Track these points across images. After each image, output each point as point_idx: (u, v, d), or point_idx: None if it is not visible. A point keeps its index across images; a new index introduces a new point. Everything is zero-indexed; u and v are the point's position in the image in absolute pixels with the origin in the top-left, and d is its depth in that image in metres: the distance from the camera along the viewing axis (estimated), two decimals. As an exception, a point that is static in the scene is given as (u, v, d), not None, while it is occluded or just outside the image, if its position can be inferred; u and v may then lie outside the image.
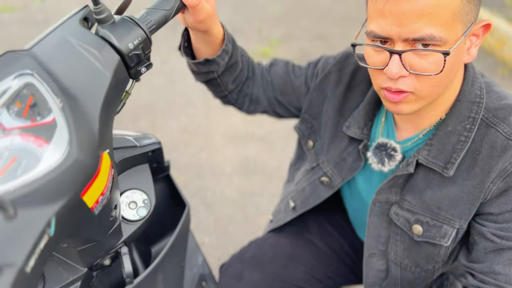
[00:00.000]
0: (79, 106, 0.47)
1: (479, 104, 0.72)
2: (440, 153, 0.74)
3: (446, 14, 0.60)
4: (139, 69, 0.57)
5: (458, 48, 0.64)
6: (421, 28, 0.60)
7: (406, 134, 0.81)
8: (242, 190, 2.01)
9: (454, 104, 0.73)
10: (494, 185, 0.70)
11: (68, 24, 0.51)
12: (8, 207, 0.37)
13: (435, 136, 0.74)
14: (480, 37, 0.68)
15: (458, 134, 0.72)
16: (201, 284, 0.93)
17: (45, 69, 0.47)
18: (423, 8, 0.59)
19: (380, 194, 0.83)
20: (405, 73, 0.64)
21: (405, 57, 0.63)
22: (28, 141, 0.43)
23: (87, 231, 0.56)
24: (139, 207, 0.71)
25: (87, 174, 0.46)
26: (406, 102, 0.69)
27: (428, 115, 0.75)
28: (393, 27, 0.62)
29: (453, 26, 0.61)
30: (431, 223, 0.77)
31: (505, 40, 2.92)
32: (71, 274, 0.64)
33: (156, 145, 0.74)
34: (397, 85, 0.66)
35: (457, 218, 0.75)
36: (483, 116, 0.72)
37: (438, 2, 0.59)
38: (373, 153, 0.83)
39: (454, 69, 0.66)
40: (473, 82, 0.73)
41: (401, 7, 0.59)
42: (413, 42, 0.62)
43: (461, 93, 0.73)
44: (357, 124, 0.84)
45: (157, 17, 0.60)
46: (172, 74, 2.88)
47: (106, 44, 0.52)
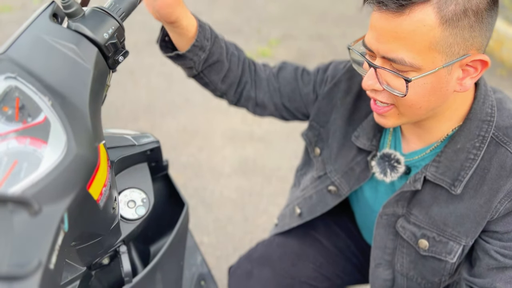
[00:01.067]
0: (67, 101, 0.47)
1: (490, 122, 0.71)
2: (448, 170, 0.73)
3: (421, 42, 0.59)
4: (116, 58, 0.57)
5: (436, 77, 0.63)
6: (395, 50, 0.61)
7: (413, 147, 0.80)
8: (241, 190, 2.01)
9: (464, 122, 0.72)
10: (501, 205, 0.69)
11: (38, 23, 0.51)
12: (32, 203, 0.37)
13: (443, 153, 0.73)
14: (478, 70, 0.65)
15: (467, 152, 0.71)
16: (200, 283, 0.93)
17: (26, 70, 0.47)
18: (399, 31, 0.59)
19: (387, 207, 0.82)
20: (379, 87, 0.66)
21: (382, 72, 0.65)
22: (24, 144, 0.43)
23: (94, 226, 0.56)
24: (138, 206, 0.71)
25: (89, 167, 0.47)
26: (389, 116, 0.70)
27: (434, 129, 0.75)
28: (374, 41, 0.63)
29: (429, 55, 0.61)
30: (438, 238, 0.77)
31: (504, 40, 2.92)
32: (70, 273, 0.64)
33: (154, 144, 0.74)
34: (373, 95, 0.69)
35: (464, 236, 0.74)
36: (493, 135, 0.71)
37: (414, 29, 0.59)
38: (377, 163, 0.83)
39: (433, 96, 0.65)
40: (484, 101, 0.72)
41: (382, 24, 0.61)
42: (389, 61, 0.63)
43: (471, 112, 0.72)
44: (366, 135, 0.84)
45: (125, 4, 0.60)
46: (171, 75, 2.88)
47: (82, 37, 0.52)
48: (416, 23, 0.58)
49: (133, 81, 2.81)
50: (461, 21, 0.58)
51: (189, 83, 2.78)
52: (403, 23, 0.59)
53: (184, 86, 2.76)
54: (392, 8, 0.59)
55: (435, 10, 0.57)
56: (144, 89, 2.74)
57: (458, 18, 0.58)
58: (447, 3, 0.57)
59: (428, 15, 0.58)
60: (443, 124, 0.73)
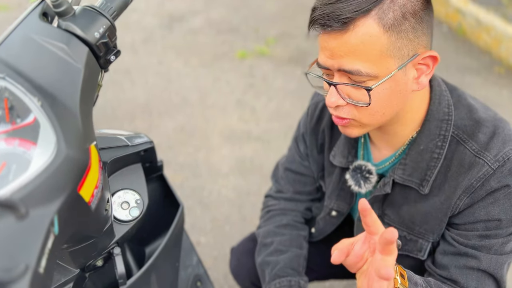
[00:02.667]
0: (57, 102, 0.47)
1: (448, 121, 0.74)
2: (415, 171, 0.76)
3: (372, 52, 0.63)
4: (108, 58, 0.56)
5: (394, 81, 0.66)
6: (349, 63, 0.64)
7: (385, 153, 0.83)
8: (238, 189, 2.00)
9: (423, 124, 0.75)
10: (460, 201, 0.72)
11: (27, 22, 0.50)
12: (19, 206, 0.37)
13: (408, 155, 0.76)
14: (430, 67, 0.68)
15: (430, 152, 0.74)
16: (196, 284, 0.92)
17: (15, 71, 0.46)
18: (349, 46, 0.63)
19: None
20: (342, 103, 0.69)
21: (342, 87, 0.68)
22: (13, 145, 0.42)
23: (85, 228, 0.55)
24: (132, 207, 0.70)
25: (80, 168, 0.46)
26: (351, 127, 0.73)
27: (399, 134, 0.77)
28: (328, 59, 0.66)
29: (382, 62, 0.64)
30: (408, 237, 0.80)
31: (502, 38, 2.92)
32: (63, 275, 0.63)
33: (148, 144, 0.73)
34: (336, 112, 0.71)
35: (430, 233, 0.78)
36: (453, 133, 0.74)
37: (362, 41, 0.62)
38: (351, 176, 0.86)
39: (395, 99, 0.68)
40: (440, 101, 0.75)
41: (331, 43, 0.64)
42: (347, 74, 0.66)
43: (429, 113, 0.75)
44: (341, 152, 0.87)
45: (117, 3, 0.59)
46: (168, 74, 2.87)
47: (72, 36, 0.51)
48: (362, 36, 0.62)
49: (130, 81, 2.80)
50: (402, 25, 0.62)
51: (186, 83, 2.78)
52: (350, 39, 0.62)
53: (181, 86, 2.75)
54: (336, 27, 0.62)
55: (376, 21, 0.61)
56: (141, 88, 2.73)
57: (399, 23, 0.62)
58: (385, 12, 0.61)
59: (371, 26, 0.61)
60: (406, 127, 0.76)
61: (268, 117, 2.46)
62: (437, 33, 3.32)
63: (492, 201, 0.70)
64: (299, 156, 0.99)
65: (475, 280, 0.73)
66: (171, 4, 3.81)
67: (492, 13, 3.08)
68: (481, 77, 2.80)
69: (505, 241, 0.72)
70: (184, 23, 3.50)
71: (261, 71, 2.87)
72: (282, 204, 1.01)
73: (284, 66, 2.91)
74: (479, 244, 0.72)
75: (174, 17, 3.59)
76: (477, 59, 2.98)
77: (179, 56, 3.06)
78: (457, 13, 3.31)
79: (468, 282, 0.74)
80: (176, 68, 2.92)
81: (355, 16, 0.61)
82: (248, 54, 3.04)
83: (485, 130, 0.72)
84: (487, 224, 0.71)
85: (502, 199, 0.70)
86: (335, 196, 0.92)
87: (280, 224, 0.97)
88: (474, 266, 0.73)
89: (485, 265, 0.72)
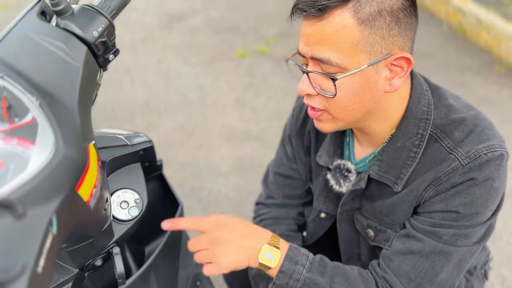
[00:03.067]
0: (56, 101, 0.46)
1: (427, 120, 0.74)
2: (391, 168, 0.76)
3: (344, 43, 0.64)
4: (107, 57, 0.56)
5: (363, 76, 0.66)
6: (321, 51, 0.66)
7: (367, 152, 0.84)
8: (238, 188, 2.00)
9: (401, 121, 0.75)
10: (426, 193, 0.73)
11: (26, 21, 0.50)
12: (17, 206, 0.36)
13: (384, 152, 0.77)
14: (404, 69, 0.68)
15: (408, 150, 0.75)
16: (196, 284, 0.92)
17: (13, 70, 0.46)
18: (323, 34, 0.64)
19: (344, 205, 0.87)
20: (313, 92, 0.70)
21: (314, 77, 0.69)
22: (11, 144, 0.42)
23: (84, 228, 0.55)
24: (131, 206, 0.70)
25: (78, 168, 0.46)
26: (324, 121, 0.74)
27: (378, 132, 0.78)
28: (304, 46, 0.68)
29: (353, 55, 0.65)
30: (379, 228, 0.81)
31: (502, 37, 2.92)
32: (62, 275, 0.63)
33: (147, 143, 0.73)
34: (308, 101, 0.73)
35: (397, 224, 0.79)
36: (432, 132, 0.74)
37: (336, 31, 0.63)
38: (332, 175, 0.87)
39: (364, 96, 0.69)
40: (419, 99, 0.75)
41: (307, 29, 0.66)
42: (319, 63, 0.67)
43: (407, 111, 0.75)
44: (327, 152, 0.88)
45: (115, 2, 0.58)
46: (167, 73, 2.87)
47: (71, 35, 0.51)
48: (336, 26, 0.63)
49: (130, 80, 2.80)
50: (377, 21, 0.63)
51: (186, 82, 2.77)
52: (324, 27, 0.64)
53: (180, 85, 2.75)
54: (312, 13, 0.64)
55: (352, 13, 0.63)
56: (140, 87, 2.73)
57: (374, 18, 0.63)
58: (362, 6, 0.62)
59: (346, 18, 0.63)
60: (385, 126, 0.77)
61: (267, 116, 2.46)
62: (437, 32, 3.32)
63: (454, 193, 0.70)
64: (286, 159, 0.99)
65: (410, 266, 0.73)
66: (171, 3, 3.80)
67: (492, 12, 3.08)
68: (481, 76, 2.80)
69: (457, 233, 0.71)
70: (184, 22, 3.50)
71: (261, 70, 2.87)
72: (274, 212, 0.99)
73: (283, 66, 2.91)
74: (429, 230, 0.72)
75: (174, 16, 3.59)
76: (477, 58, 2.98)
77: (179, 55, 3.05)
78: (457, 12, 3.31)
79: (402, 267, 0.73)
80: (176, 67, 2.92)
81: (331, 4, 0.62)
82: (248, 54, 3.03)
83: (462, 129, 0.72)
84: (444, 214, 0.71)
85: (464, 192, 0.69)
86: (323, 198, 0.92)
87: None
88: (417, 249, 0.72)
89: (427, 250, 0.72)
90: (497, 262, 1.66)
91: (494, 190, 0.69)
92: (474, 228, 0.71)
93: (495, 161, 0.69)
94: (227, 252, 0.71)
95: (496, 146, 0.70)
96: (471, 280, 0.96)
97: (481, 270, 1.00)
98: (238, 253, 0.72)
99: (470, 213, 0.70)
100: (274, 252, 0.73)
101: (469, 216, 0.70)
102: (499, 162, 0.69)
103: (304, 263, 0.74)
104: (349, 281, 0.74)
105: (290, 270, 0.73)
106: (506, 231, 1.79)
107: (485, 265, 1.01)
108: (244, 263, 0.72)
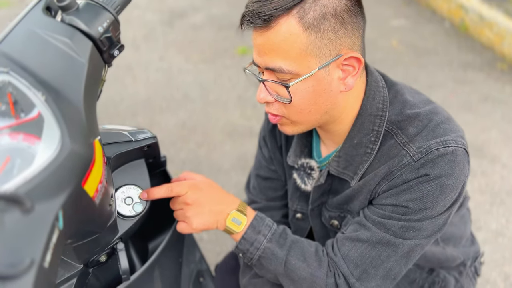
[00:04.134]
0: (62, 97, 0.46)
1: (382, 117, 0.75)
2: (349, 164, 0.78)
3: (293, 50, 0.65)
4: (111, 53, 0.56)
5: (316, 80, 0.67)
6: (273, 60, 0.67)
7: (331, 149, 0.85)
8: (240, 185, 2.00)
9: (356, 118, 0.77)
10: (379, 187, 0.74)
11: (31, 16, 0.50)
12: (24, 200, 0.37)
13: (342, 149, 0.79)
14: (356, 68, 0.69)
15: (365, 147, 0.76)
16: (199, 280, 0.93)
17: (19, 65, 0.46)
18: (271, 43, 0.65)
19: (314, 202, 0.88)
20: (270, 99, 0.72)
21: (270, 85, 0.71)
22: (17, 140, 0.42)
23: (89, 223, 0.55)
24: (135, 202, 0.70)
25: (84, 163, 0.46)
26: (284, 125, 0.76)
27: (339, 131, 0.79)
28: (257, 56, 0.70)
29: (303, 60, 0.66)
30: (342, 215, 0.84)
31: (504, 34, 2.90)
32: (67, 270, 0.63)
33: (151, 139, 0.73)
34: (268, 108, 0.75)
35: (354, 211, 0.81)
36: (388, 128, 0.75)
37: (283, 39, 0.64)
38: (297, 174, 0.89)
39: (320, 98, 0.70)
40: (374, 96, 0.76)
41: (257, 40, 0.68)
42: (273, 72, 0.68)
43: (361, 108, 0.76)
44: (294, 152, 0.89)
45: None
46: (170, 70, 2.86)
47: (76, 30, 0.51)
48: (283, 34, 0.64)
49: (132, 77, 2.80)
50: (322, 24, 0.64)
51: (188, 79, 2.77)
52: (272, 36, 0.65)
53: (182, 82, 2.75)
54: (258, 24, 0.65)
55: (297, 20, 0.63)
56: (142, 84, 2.73)
57: (319, 22, 0.63)
58: (306, 11, 0.63)
59: (291, 25, 0.63)
60: (344, 125, 0.78)
61: (269, 113, 2.45)
62: (439, 29, 3.31)
63: (405, 188, 0.71)
64: (264, 161, 0.99)
65: (358, 253, 0.74)
66: (172, 0, 3.80)
67: (495, 9, 3.06)
68: (484, 73, 2.79)
69: (405, 226, 0.71)
70: (185, 19, 3.49)
71: (263, 67, 2.86)
72: None
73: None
74: (378, 220, 0.73)
75: (175, 13, 3.58)
76: (480, 55, 2.97)
77: (180, 52, 3.05)
78: (459, 9, 3.30)
79: (350, 253, 0.74)
80: (178, 64, 2.92)
81: (275, 13, 0.63)
82: (250, 51, 3.03)
83: (416, 124, 0.73)
84: (394, 208, 0.72)
85: (415, 188, 0.70)
86: (296, 198, 0.93)
87: None
88: (365, 238, 0.74)
89: (375, 240, 0.73)
90: (500, 259, 1.66)
91: (446, 187, 0.69)
92: (423, 222, 0.71)
93: (447, 157, 0.68)
94: (198, 214, 0.77)
95: (450, 141, 0.69)
96: (461, 280, 0.96)
97: (471, 268, 1.00)
98: (208, 216, 0.77)
99: (419, 208, 0.70)
100: (241, 218, 0.78)
101: (417, 211, 0.70)
102: (452, 158, 0.69)
103: (266, 234, 0.78)
104: (304, 256, 0.77)
105: (252, 239, 0.77)
106: (508, 228, 1.79)
107: (475, 261, 1.01)
108: (213, 225, 0.78)
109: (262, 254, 0.77)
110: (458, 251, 0.95)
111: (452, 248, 0.93)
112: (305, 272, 0.76)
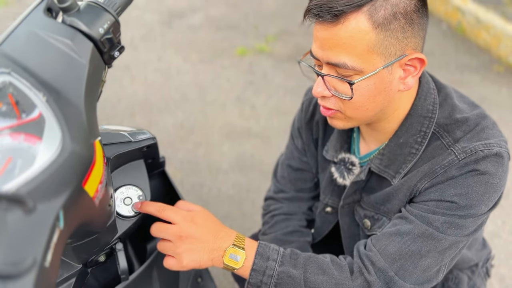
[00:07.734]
0: (62, 97, 0.47)
1: (431, 119, 0.75)
2: (392, 163, 0.78)
3: (360, 47, 0.64)
4: (112, 54, 0.56)
5: (378, 78, 0.67)
6: (337, 55, 0.66)
7: (372, 147, 0.85)
8: (238, 186, 2.01)
9: (406, 118, 0.77)
10: (421, 185, 0.74)
11: (32, 17, 0.50)
12: (26, 200, 0.37)
13: (387, 147, 0.79)
14: (417, 69, 0.69)
15: (410, 147, 0.76)
16: (197, 280, 0.93)
17: (20, 66, 0.46)
18: (338, 39, 0.65)
19: (346, 198, 0.88)
20: (328, 94, 0.71)
21: (329, 79, 0.70)
22: (19, 140, 0.42)
23: (89, 223, 0.55)
24: (134, 203, 0.70)
25: (85, 163, 0.46)
26: (337, 119, 0.76)
27: (386, 130, 0.79)
28: (319, 50, 0.69)
29: (369, 58, 0.65)
30: (376, 216, 0.83)
31: (501, 37, 2.92)
32: (66, 270, 0.63)
33: (151, 140, 0.73)
34: (323, 102, 0.74)
35: (392, 212, 0.80)
36: (435, 130, 0.75)
37: (351, 35, 0.64)
38: (336, 168, 0.89)
39: (379, 96, 0.70)
40: (426, 98, 0.76)
41: (322, 34, 0.66)
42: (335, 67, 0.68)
43: (412, 108, 0.76)
44: (334, 147, 0.89)
45: None
46: (168, 70, 2.86)
47: (77, 32, 0.51)
48: (352, 30, 0.64)
49: (130, 77, 2.80)
50: (392, 24, 0.64)
51: (186, 79, 2.77)
52: (340, 31, 0.64)
53: (180, 82, 2.75)
54: (328, 19, 0.64)
55: (367, 17, 0.63)
56: (140, 85, 2.73)
57: (389, 21, 0.63)
58: (377, 9, 0.63)
59: (361, 22, 0.63)
60: (394, 124, 0.78)
61: (267, 114, 2.46)
62: (436, 31, 3.32)
63: (450, 183, 0.70)
64: (297, 151, 1.00)
65: (396, 247, 0.72)
66: (171, 0, 3.80)
67: (492, 12, 3.08)
68: (480, 75, 2.80)
69: (449, 222, 0.70)
70: (184, 19, 3.50)
71: (261, 68, 2.87)
72: (285, 207, 1.00)
73: (283, 63, 2.91)
74: (422, 214, 0.72)
75: (174, 13, 3.59)
76: (477, 58, 2.99)
77: (179, 53, 3.05)
78: (456, 11, 3.31)
79: (388, 247, 0.73)
80: (176, 65, 2.92)
81: (346, 10, 0.62)
82: (248, 51, 3.03)
83: (464, 128, 0.73)
84: (438, 203, 0.71)
85: (461, 183, 0.69)
86: (329, 191, 0.93)
87: (287, 231, 0.96)
88: (406, 231, 0.72)
89: (417, 233, 0.71)
90: (495, 261, 1.67)
91: (490, 185, 0.69)
92: (467, 219, 0.70)
93: (491, 158, 0.69)
94: (191, 251, 0.70)
95: (494, 144, 0.70)
96: (473, 278, 0.97)
97: (483, 268, 1.01)
98: (202, 253, 0.71)
99: (465, 204, 0.69)
100: (239, 253, 0.72)
101: (464, 207, 0.70)
102: (496, 159, 0.69)
103: (276, 258, 0.73)
104: (323, 269, 0.73)
105: (262, 267, 0.72)
106: (504, 229, 1.80)
107: (487, 263, 1.02)
108: (208, 263, 0.72)
109: (277, 281, 0.72)
110: (472, 253, 0.96)
111: (466, 251, 0.94)
112: (329, 284, 0.72)
